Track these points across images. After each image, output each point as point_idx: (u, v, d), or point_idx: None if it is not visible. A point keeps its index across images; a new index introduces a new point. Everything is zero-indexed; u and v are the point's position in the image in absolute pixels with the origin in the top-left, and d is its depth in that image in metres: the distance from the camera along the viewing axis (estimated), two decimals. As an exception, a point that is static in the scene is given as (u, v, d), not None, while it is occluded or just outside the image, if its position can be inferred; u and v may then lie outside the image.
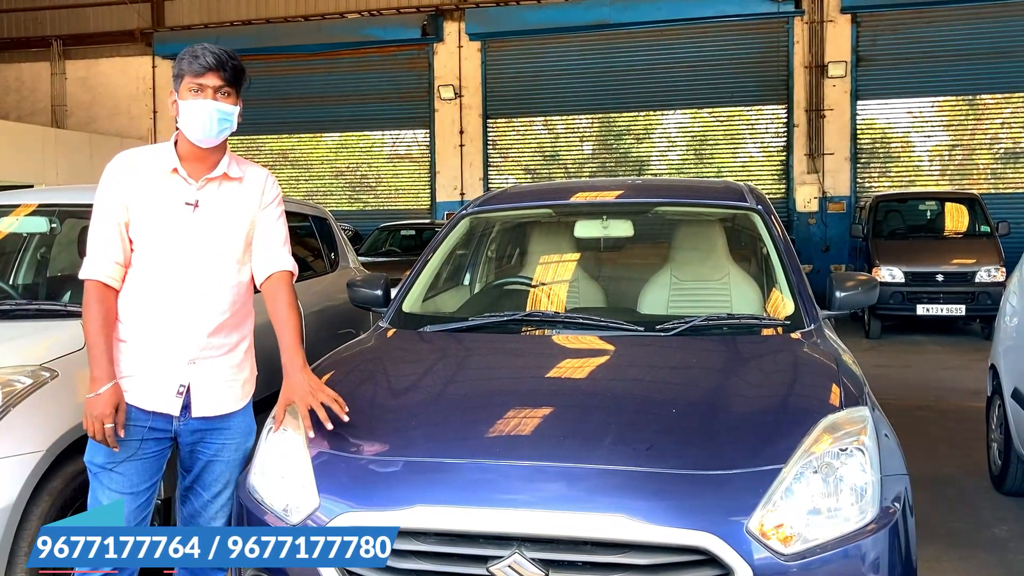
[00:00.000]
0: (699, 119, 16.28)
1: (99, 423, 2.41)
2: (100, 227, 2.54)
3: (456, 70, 16.63)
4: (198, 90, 2.49)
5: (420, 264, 3.79)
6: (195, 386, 2.57)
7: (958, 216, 11.91)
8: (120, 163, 2.59)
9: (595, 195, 4.35)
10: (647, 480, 2.18)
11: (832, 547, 2.12)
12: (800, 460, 2.22)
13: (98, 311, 2.49)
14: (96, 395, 2.42)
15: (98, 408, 2.42)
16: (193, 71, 2.48)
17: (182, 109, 2.50)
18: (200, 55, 2.49)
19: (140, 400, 2.53)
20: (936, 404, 7.17)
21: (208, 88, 2.49)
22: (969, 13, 14.36)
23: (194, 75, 2.49)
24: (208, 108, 2.48)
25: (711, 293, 3.69)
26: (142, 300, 2.54)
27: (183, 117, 2.51)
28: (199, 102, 2.48)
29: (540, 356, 3.12)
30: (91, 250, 2.54)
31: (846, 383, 2.64)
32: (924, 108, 15.15)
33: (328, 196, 17.97)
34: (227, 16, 17.92)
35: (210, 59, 2.48)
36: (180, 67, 2.51)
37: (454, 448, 2.40)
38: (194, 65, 2.48)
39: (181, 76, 2.51)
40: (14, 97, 19.09)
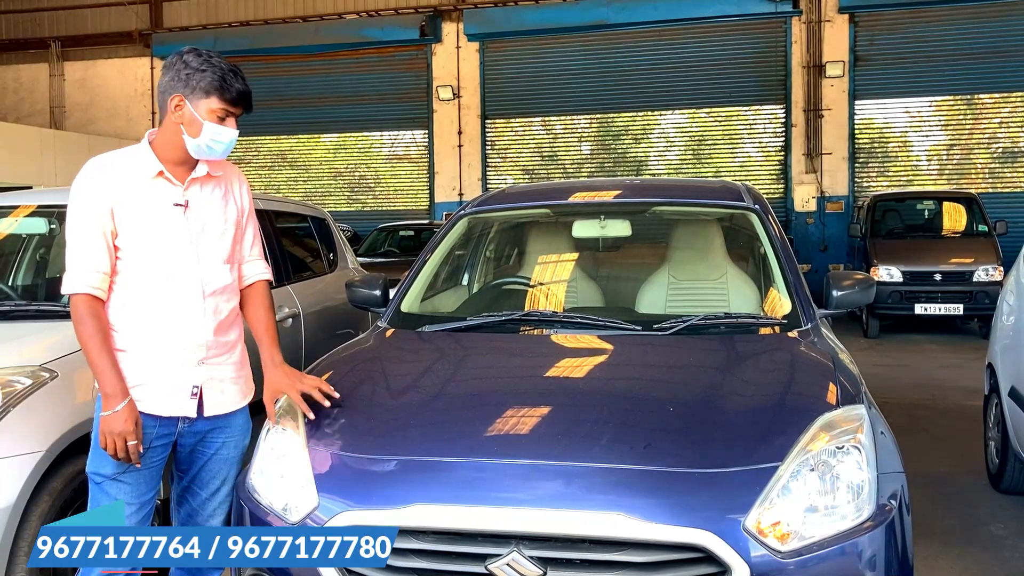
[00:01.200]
0: (697, 119, 16.29)
1: (121, 440, 2.37)
2: (83, 236, 2.44)
3: (454, 71, 16.64)
4: (225, 117, 2.47)
5: (419, 264, 3.80)
6: (206, 386, 2.58)
7: (956, 215, 11.92)
8: (98, 169, 2.49)
9: (593, 195, 4.36)
10: (644, 478, 2.19)
11: (829, 544, 2.13)
12: (797, 458, 2.23)
13: (94, 326, 2.42)
14: (113, 412, 2.38)
15: (118, 425, 2.37)
16: (227, 99, 2.45)
17: (207, 131, 2.45)
18: (230, 81, 2.45)
19: (156, 407, 2.50)
20: (933, 403, 7.18)
21: (234, 117, 2.50)
22: (967, 13, 14.37)
23: (228, 103, 2.46)
24: (231, 136, 2.50)
25: (709, 292, 3.71)
26: (141, 306, 2.49)
27: (205, 138, 2.46)
28: (228, 131, 2.48)
29: (538, 356, 3.13)
30: (74, 261, 2.44)
31: (842, 381, 2.65)
32: (922, 108, 15.17)
33: (327, 197, 17.97)
34: (225, 17, 17.92)
35: (243, 88, 2.49)
36: (209, 84, 2.43)
37: (453, 447, 2.41)
38: (229, 93, 2.45)
39: (208, 94, 2.43)
40: (12, 98, 19.08)
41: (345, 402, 2.70)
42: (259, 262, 2.81)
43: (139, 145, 2.55)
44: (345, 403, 2.70)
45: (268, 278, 2.82)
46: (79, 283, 2.43)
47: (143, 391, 2.48)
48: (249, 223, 2.78)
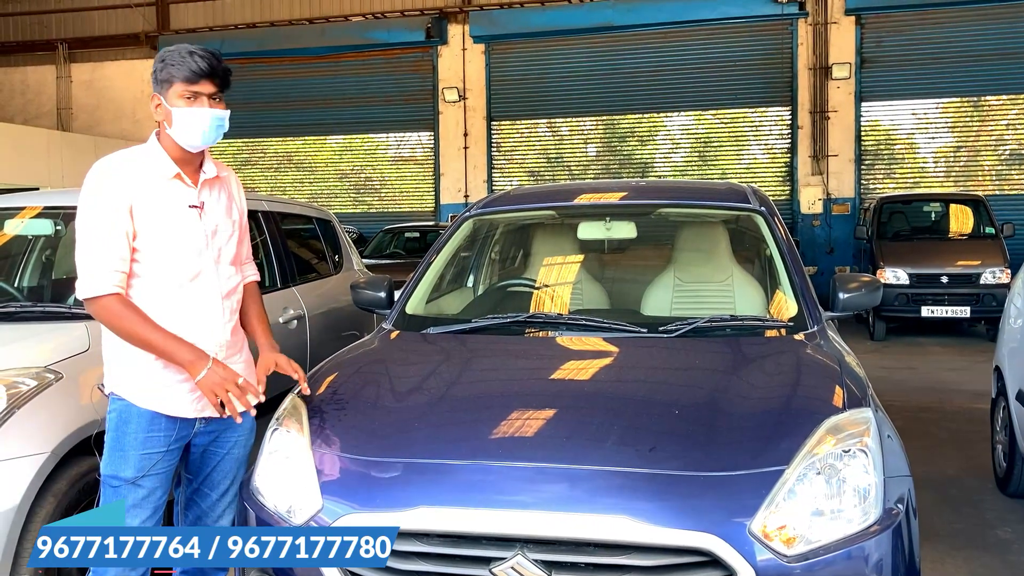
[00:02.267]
0: (703, 121, 16.27)
1: (232, 386, 2.43)
2: (102, 235, 2.40)
3: (460, 72, 16.65)
4: (192, 97, 2.42)
5: (424, 266, 3.80)
6: None
7: (963, 218, 11.88)
8: (113, 168, 2.46)
9: (598, 197, 4.35)
10: (650, 481, 2.18)
11: (835, 548, 2.12)
12: (803, 461, 2.22)
13: (135, 313, 2.41)
14: (206, 373, 2.41)
15: (217, 378, 2.42)
16: (185, 78, 2.40)
17: (177, 116, 2.42)
18: (191, 60, 2.40)
19: (180, 409, 2.50)
20: (940, 406, 7.15)
21: (203, 96, 2.43)
22: (974, 14, 14.33)
23: (187, 82, 2.41)
24: (207, 116, 2.44)
25: (714, 295, 3.69)
26: (161, 309, 2.47)
27: (178, 124, 2.43)
28: (198, 111, 2.43)
29: (543, 358, 3.12)
30: (93, 262, 2.39)
31: (849, 384, 2.63)
32: (929, 109, 15.12)
33: (332, 198, 18.00)
34: (231, 19, 17.96)
35: (203, 65, 2.41)
36: (168, 72, 2.41)
37: (457, 449, 2.41)
38: (184, 71, 2.40)
39: (170, 82, 2.42)
40: (19, 100, 19.15)
41: (349, 404, 2.70)
42: (251, 264, 2.88)
43: (148, 145, 2.53)
44: (350, 405, 2.69)
45: (258, 279, 2.89)
46: (104, 284, 2.39)
47: (167, 393, 2.48)
48: (247, 231, 2.83)
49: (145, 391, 2.48)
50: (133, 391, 2.49)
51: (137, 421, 2.47)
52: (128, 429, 2.47)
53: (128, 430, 2.47)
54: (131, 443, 2.46)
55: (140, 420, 2.47)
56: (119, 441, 2.47)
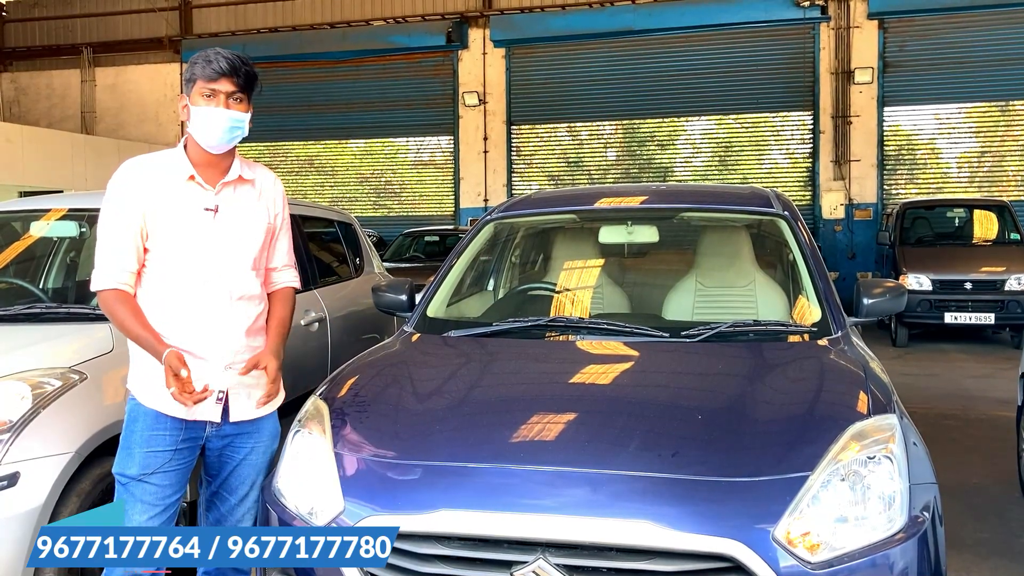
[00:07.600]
0: (724, 126, 16.20)
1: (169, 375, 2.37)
2: (114, 235, 2.49)
3: (480, 77, 16.68)
4: (211, 95, 2.46)
5: (445, 269, 3.80)
6: (232, 392, 2.59)
7: (987, 223, 11.76)
8: (132, 170, 2.54)
9: (620, 201, 4.34)
10: (672, 486, 2.16)
11: (859, 556, 2.09)
12: (827, 468, 2.20)
13: (127, 309, 2.46)
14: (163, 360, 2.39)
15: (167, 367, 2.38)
16: (206, 76, 2.45)
17: (194, 115, 2.48)
18: (213, 59, 2.45)
19: (181, 410, 2.51)
20: (964, 413, 7.08)
21: (221, 94, 2.47)
22: (1000, 18, 14.17)
23: (207, 80, 2.46)
24: (221, 116, 2.47)
25: (737, 299, 3.67)
26: (169, 310, 2.51)
27: (195, 123, 2.48)
28: (212, 110, 2.46)
29: (564, 361, 3.11)
30: (104, 259, 2.49)
31: (874, 390, 2.61)
32: (952, 114, 14.97)
33: (353, 202, 18.06)
34: (254, 24, 18.08)
35: (223, 64, 2.45)
36: (192, 71, 2.48)
37: (478, 452, 2.40)
38: (207, 70, 2.45)
39: (193, 80, 2.48)
40: (45, 104, 19.36)
41: (371, 406, 2.70)
42: (290, 271, 2.82)
43: (175, 148, 2.58)
44: (371, 407, 2.69)
45: (296, 285, 2.84)
46: (107, 279, 2.48)
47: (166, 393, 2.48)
48: (283, 232, 2.78)
49: (149, 390, 2.52)
50: (140, 390, 2.55)
51: (143, 419, 2.52)
52: (135, 427, 2.52)
53: (135, 428, 2.52)
54: (137, 441, 2.50)
55: (146, 418, 2.52)
56: (127, 439, 2.53)
